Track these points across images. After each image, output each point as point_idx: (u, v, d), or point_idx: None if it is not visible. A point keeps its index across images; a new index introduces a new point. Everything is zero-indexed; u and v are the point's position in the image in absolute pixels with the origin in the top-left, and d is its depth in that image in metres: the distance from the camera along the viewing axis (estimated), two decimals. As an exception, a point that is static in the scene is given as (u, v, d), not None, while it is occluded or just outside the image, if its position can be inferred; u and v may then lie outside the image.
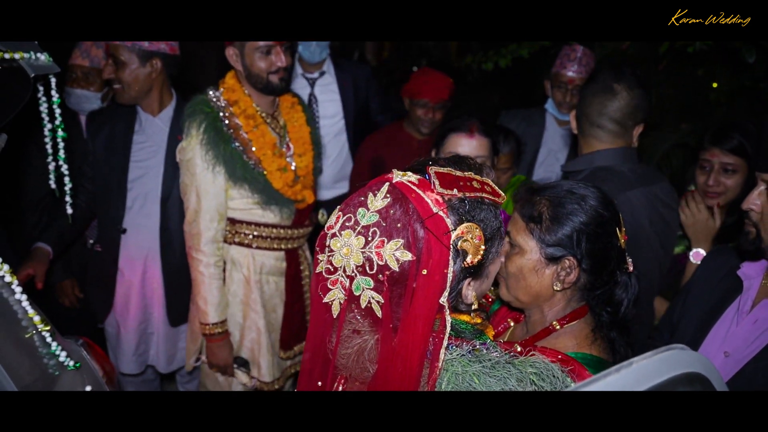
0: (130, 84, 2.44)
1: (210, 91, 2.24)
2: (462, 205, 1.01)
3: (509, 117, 3.32)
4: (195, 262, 2.23)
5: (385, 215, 0.97)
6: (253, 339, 2.35)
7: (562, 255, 1.28)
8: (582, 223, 1.27)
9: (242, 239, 2.30)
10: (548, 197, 1.31)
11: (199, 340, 2.35)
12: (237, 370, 2.36)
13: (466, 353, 1.01)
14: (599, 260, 1.28)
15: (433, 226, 0.96)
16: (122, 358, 2.68)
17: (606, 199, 1.31)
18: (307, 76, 3.18)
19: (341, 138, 3.24)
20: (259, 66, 2.17)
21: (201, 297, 2.23)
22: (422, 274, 0.95)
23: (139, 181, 2.58)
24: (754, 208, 1.50)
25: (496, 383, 0.95)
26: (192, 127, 2.15)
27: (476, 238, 1.01)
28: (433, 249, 0.95)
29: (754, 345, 1.52)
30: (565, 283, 1.29)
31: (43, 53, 1.24)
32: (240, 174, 2.17)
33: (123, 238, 2.61)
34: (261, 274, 2.34)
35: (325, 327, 1.04)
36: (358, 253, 0.96)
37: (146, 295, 2.65)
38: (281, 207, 2.27)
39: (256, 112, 2.25)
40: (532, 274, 1.30)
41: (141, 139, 2.57)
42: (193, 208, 2.18)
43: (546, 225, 1.29)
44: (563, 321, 1.32)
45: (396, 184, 1.00)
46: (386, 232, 0.96)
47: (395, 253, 0.95)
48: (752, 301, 1.59)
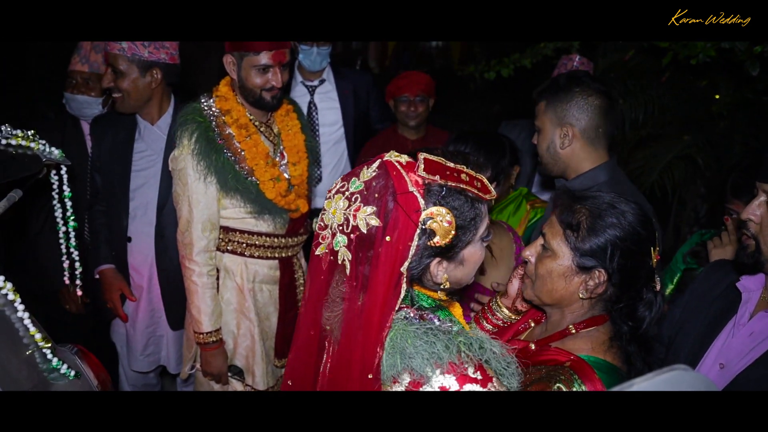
0: (129, 93, 2.42)
1: (203, 99, 2.22)
2: (440, 191, 1.12)
3: (510, 127, 3.31)
4: (188, 272, 2.21)
5: (368, 185, 1.11)
6: (248, 347, 2.33)
7: (593, 266, 1.31)
8: (618, 238, 1.29)
9: (235, 248, 2.29)
10: (589, 207, 1.33)
11: (194, 348, 2.34)
12: (231, 379, 2.35)
13: (411, 318, 1.12)
14: (629, 276, 1.30)
15: (405, 201, 1.08)
16: (132, 357, 2.71)
17: (645, 217, 1.33)
18: (306, 83, 3.17)
19: (341, 146, 3.23)
20: (254, 81, 2.16)
21: (194, 306, 2.22)
22: (386, 240, 1.07)
23: (140, 190, 2.57)
24: (753, 219, 1.47)
25: (423, 345, 1.07)
26: (184, 136, 2.14)
27: (446, 222, 1.10)
28: (400, 221, 1.07)
29: (748, 357, 1.50)
30: (592, 293, 1.32)
31: (58, 149, 1.39)
32: (232, 184, 2.15)
33: (129, 246, 2.61)
34: (254, 282, 2.32)
35: (320, 288, 1.15)
36: (341, 213, 1.11)
37: (153, 300, 2.66)
38: (274, 216, 2.25)
39: (248, 122, 2.22)
40: (560, 279, 1.34)
41: (141, 147, 2.57)
42: (186, 218, 2.17)
43: (583, 234, 1.31)
44: (580, 326, 1.35)
45: (385, 162, 1.13)
46: (365, 200, 1.10)
47: (366, 217, 1.08)
48: (750, 314, 1.56)
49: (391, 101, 3.34)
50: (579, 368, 1.24)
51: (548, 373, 1.27)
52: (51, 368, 1.26)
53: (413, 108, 3.27)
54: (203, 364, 2.29)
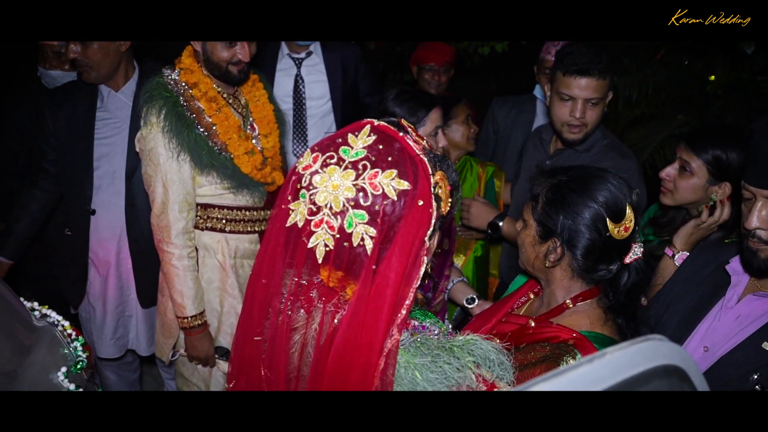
0: (99, 63, 2.33)
1: (166, 72, 2.09)
2: (432, 154, 1.00)
3: (500, 104, 3.27)
4: (167, 256, 2.11)
5: (373, 150, 0.94)
6: (233, 324, 2.27)
7: (548, 235, 1.39)
8: (569, 210, 1.36)
9: (214, 224, 2.20)
10: (553, 182, 1.41)
11: (175, 334, 2.26)
12: (218, 360, 2.28)
13: (407, 343, 0.99)
14: (587, 248, 1.36)
15: (421, 163, 0.95)
16: (100, 343, 2.61)
17: (611, 195, 1.36)
18: (293, 56, 3.10)
19: (328, 119, 3.17)
20: (220, 55, 2.05)
21: (176, 291, 2.12)
22: (418, 205, 0.92)
23: (105, 159, 2.48)
24: (762, 227, 1.41)
25: (436, 377, 0.95)
26: (151, 114, 2.01)
27: (447, 188, 1.00)
28: (422, 184, 0.93)
29: (733, 340, 1.50)
30: (551, 262, 1.40)
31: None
32: (207, 161, 2.05)
33: (93, 219, 2.52)
34: (236, 258, 2.25)
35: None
36: (350, 186, 0.92)
37: (122, 276, 2.58)
38: (252, 191, 2.18)
39: (217, 94, 2.12)
40: (531, 248, 1.44)
41: (104, 115, 2.47)
42: (161, 200, 2.06)
43: (541, 204, 1.40)
44: (576, 300, 1.41)
45: (378, 126, 0.98)
46: (377, 165, 0.92)
47: (392, 182, 0.92)
48: (738, 297, 1.55)
49: (415, 68, 3.47)
50: (581, 346, 1.29)
51: (553, 352, 1.31)
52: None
53: (437, 77, 3.40)
54: (189, 349, 2.20)
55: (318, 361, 0.95)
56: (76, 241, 2.55)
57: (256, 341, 1.00)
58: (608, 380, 0.72)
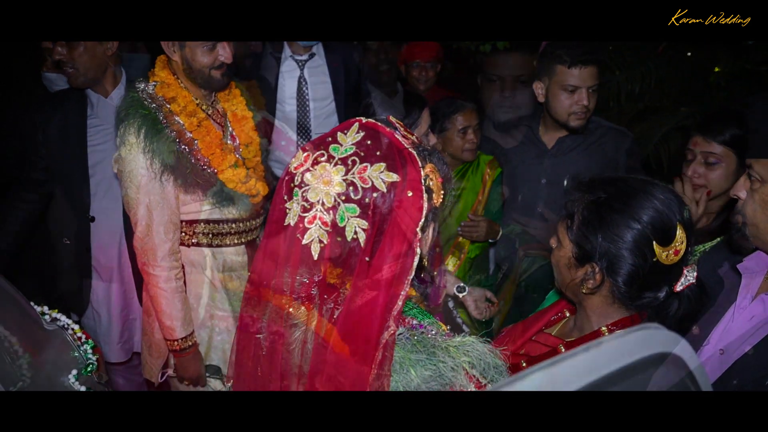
0: (86, 65, 2.32)
1: (140, 85, 2.01)
2: (421, 148, 1.03)
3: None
4: (153, 279, 2.04)
5: (362, 146, 0.97)
6: (224, 341, 2.22)
7: (586, 260, 1.26)
8: (615, 234, 1.21)
9: (200, 240, 2.14)
10: (591, 198, 1.26)
11: (163, 354, 2.19)
12: (210, 379, 2.23)
13: (404, 339, 1.00)
14: (628, 274, 1.23)
15: (410, 156, 0.98)
16: (108, 348, 2.63)
17: (658, 214, 1.21)
18: (296, 58, 3.12)
19: (332, 120, 3.18)
20: (201, 61, 1.98)
21: (164, 314, 2.05)
22: (407, 196, 0.95)
23: (100, 165, 2.46)
24: (741, 196, 1.41)
25: (430, 375, 0.96)
26: (128, 134, 1.93)
27: (438, 180, 1.02)
28: (413, 175, 0.96)
29: (749, 342, 1.44)
30: (587, 287, 1.26)
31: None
32: (191, 179, 1.99)
33: (92, 227, 2.52)
34: (224, 271, 2.19)
35: None
36: (340, 181, 0.95)
37: (124, 280, 2.59)
38: (237, 205, 2.12)
39: (196, 107, 2.04)
40: (566, 270, 1.31)
41: (96, 122, 2.46)
42: (145, 223, 1.99)
43: (577, 224, 1.26)
44: (613, 327, 1.28)
45: (367, 123, 1.01)
46: (366, 159, 0.96)
47: (380, 175, 0.95)
48: (752, 296, 1.50)
49: (403, 66, 3.57)
50: None
51: None
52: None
53: (425, 73, 3.52)
54: (179, 371, 2.14)
55: (317, 356, 0.96)
56: (77, 250, 2.56)
57: (256, 340, 1.02)
58: (605, 368, 0.73)
